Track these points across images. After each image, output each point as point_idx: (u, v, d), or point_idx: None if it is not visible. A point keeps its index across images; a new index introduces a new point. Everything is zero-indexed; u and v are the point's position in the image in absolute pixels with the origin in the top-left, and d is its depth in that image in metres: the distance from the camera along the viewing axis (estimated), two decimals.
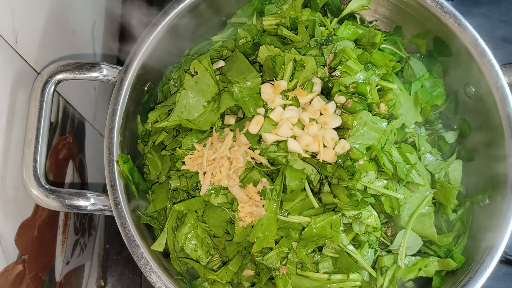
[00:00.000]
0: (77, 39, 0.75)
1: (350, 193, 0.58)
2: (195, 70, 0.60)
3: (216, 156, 0.57)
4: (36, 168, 0.55)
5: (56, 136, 0.66)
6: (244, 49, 0.63)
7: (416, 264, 0.59)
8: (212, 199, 0.58)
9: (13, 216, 0.56)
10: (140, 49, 0.60)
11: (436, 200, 0.62)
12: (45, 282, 0.64)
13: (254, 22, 0.66)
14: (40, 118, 0.56)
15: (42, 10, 0.61)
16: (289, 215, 0.57)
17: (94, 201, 0.57)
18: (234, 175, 0.57)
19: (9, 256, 0.54)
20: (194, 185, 0.60)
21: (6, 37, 0.51)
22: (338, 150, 0.59)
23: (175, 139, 0.62)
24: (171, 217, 0.60)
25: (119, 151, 0.58)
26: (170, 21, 0.61)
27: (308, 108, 0.59)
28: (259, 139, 0.59)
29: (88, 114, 0.80)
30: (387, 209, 0.59)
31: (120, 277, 0.89)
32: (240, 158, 0.57)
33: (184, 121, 0.60)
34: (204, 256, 0.60)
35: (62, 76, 0.58)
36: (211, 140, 0.59)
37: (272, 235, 0.56)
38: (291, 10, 0.64)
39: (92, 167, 0.84)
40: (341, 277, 0.57)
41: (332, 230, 0.56)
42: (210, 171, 0.57)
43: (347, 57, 0.61)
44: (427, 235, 0.59)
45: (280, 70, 0.61)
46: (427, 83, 0.66)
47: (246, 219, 0.56)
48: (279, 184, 0.57)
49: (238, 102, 0.59)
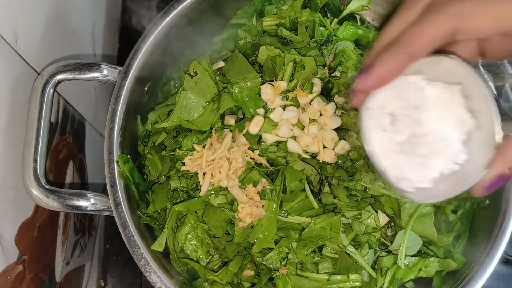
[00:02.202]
0: (77, 39, 0.75)
1: (350, 193, 0.58)
2: (194, 71, 0.60)
3: (215, 157, 0.57)
4: (36, 169, 0.55)
5: (56, 136, 0.66)
6: (244, 50, 0.63)
7: (416, 265, 0.59)
8: (212, 199, 0.58)
9: (13, 216, 0.56)
10: (140, 50, 0.60)
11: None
12: (45, 282, 0.64)
13: (254, 23, 0.66)
14: (40, 118, 0.56)
15: (42, 10, 0.61)
16: (289, 215, 0.57)
17: (94, 202, 0.57)
18: (233, 176, 0.57)
19: (9, 256, 0.54)
20: (194, 185, 0.60)
21: (6, 37, 0.51)
22: (338, 151, 0.59)
23: (175, 140, 0.62)
24: (171, 217, 0.60)
25: (119, 152, 0.58)
26: (170, 22, 0.61)
27: (308, 109, 0.60)
28: (259, 140, 0.59)
29: (88, 114, 0.80)
30: (387, 209, 0.59)
31: (120, 278, 0.89)
32: (239, 158, 0.57)
33: (184, 121, 0.60)
34: (204, 257, 0.60)
35: (62, 76, 0.58)
36: (211, 141, 0.59)
37: (272, 235, 0.56)
38: (291, 10, 0.64)
39: (92, 168, 0.84)
40: (341, 277, 0.57)
41: (332, 230, 0.56)
42: (210, 172, 0.57)
43: (347, 58, 0.61)
44: (427, 235, 0.59)
45: (280, 70, 0.61)
46: None
47: (246, 219, 0.56)
48: (279, 185, 0.57)
49: (238, 103, 0.59)
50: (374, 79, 0.36)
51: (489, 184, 0.38)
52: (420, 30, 0.35)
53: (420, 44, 0.35)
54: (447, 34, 0.34)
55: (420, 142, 0.39)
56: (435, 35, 0.34)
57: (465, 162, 0.40)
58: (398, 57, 0.35)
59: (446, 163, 0.40)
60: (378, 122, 0.39)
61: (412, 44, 0.35)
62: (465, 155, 0.39)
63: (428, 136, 0.39)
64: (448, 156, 0.40)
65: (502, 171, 0.37)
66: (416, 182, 0.40)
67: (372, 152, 0.40)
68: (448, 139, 0.39)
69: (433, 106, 0.39)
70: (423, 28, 0.35)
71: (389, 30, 0.38)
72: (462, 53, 0.40)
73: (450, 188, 0.40)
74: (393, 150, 0.40)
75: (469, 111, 0.39)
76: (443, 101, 0.39)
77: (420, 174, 0.40)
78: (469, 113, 0.39)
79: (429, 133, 0.39)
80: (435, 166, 0.40)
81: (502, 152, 0.37)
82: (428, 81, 0.40)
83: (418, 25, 0.35)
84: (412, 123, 0.40)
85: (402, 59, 0.35)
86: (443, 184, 0.40)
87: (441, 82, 0.40)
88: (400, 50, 0.35)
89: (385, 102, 0.39)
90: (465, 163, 0.40)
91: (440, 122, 0.39)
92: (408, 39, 0.35)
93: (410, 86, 0.39)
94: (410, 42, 0.35)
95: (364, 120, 0.40)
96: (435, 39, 0.35)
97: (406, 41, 0.35)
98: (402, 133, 0.40)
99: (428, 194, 0.40)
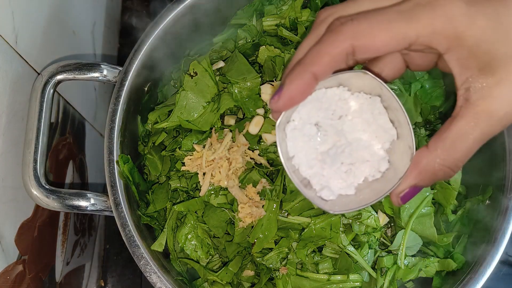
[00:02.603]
0: (77, 39, 0.75)
1: None
2: (194, 71, 0.60)
3: (215, 157, 0.57)
4: (36, 169, 0.55)
5: (56, 136, 0.66)
6: (244, 50, 0.63)
7: (416, 265, 0.59)
8: (212, 199, 0.58)
9: (13, 216, 0.56)
10: (140, 50, 0.60)
11: (436, 201, 0.62)
12: (45, 282, 0.64)
13: (254, 23, 0.66)
14: (40, 118, 0.56)
15: (42, 10, 0.61)
16: (289, 215, 0.57)
17: (94, 202, 0.57)
18: (233, 176, 0.57)
19: (9, 256, 0.54)
20: (194, 185, 0.60)
21: (6, 37, 0.51)
22: None
23: (175, 140, 0.62)
24: (171, 217, 0.60)
25: (119, 152, 0.58)
26: (170, 22, 0.61)
27: None
28: (259, 140, 0.59)
29: (88, 114, 0.80)
30: (387, 209, 0.59)
31: (120, 278, 0.89)
32: (239, 158, 0.57)
33: (184, 121, 0.60)
34: (204, 257, 0.60)
35: (62, 76, 0.58)
36: (211, 141, 0.59)
37: (272, 235, 0.56)
38: (291, 10, 0.64)
39: (92, 168, 0.84)
40: (341, 277, 0.57)
41: (332, 230, 0.56)
42: (210, 172, 0.57)
43: None
44: (427, 235, 0.59)
45: (280, 70, 0.61)
46: (427, 83, 0.66)
47: (246, 219, 0.56)
48: (279, 185, 0.57)
49: (238, 103, 0.59)
50: (284, 100, 0.37)
51: (403, 195, 0.39)
52: (320, 50, 0.36)
53: (321, 63, 0.36)
54: (346, 52, 0.36)
55: (344, 151, 0.40)
56: (334, 54, 0.36)
57: (387, 171, 0.41)
58: (302, 76, 0.36)
59: (370, 171, 0.41)
60: (302, 132, 0.40)
61: (314, 63, 0.36)
62: (387, 164, 0.41)
63: (353, 145, 0.41)
64: (372, 164, 0.41)
65: (414, 182, 0.38)
66: (339, 189, 0.41)
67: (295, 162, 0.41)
68: (372, 148, 0.41)
69: (357, 116, 0.41)
70: (323, 48, 0.36)
71: (299, 50, 0.39)
72: (390, 66, 0.41)
73: (369, 197, 0.40)
74: (317, 159, 0.41)
75: (391, 121, 0.41)
76: (366, 111, 0.41)
77: (345, 182, 0.41)
78: (391, 123, 0.41)
79: (353, 142, 0.41)
80: (359, 174, 0.41)
81: (414, 163, 0.38)
82: (352, 92, 0.41)
83: (319, 45, 0.36)
84: (337, 133, 0.41)
85: (307, 78, 0.36)
86: (364, 192, 0.41)
87: (363, 93, 0.41)
88: (304, 69, 0.36)
89: (310, 114, 0.40)
90: (387, 171, 0.41)
91: (364, 131, 0.41)
92: (311, 58, 0.36)
93: (334, 97, 0.40)
94: (312, 61, 0.36)
95: (288, 131, 0.40)
96: (335, 58, 0.36)
97: (309, 60, 0.36)
98: (327, 142, 0.41)
99: (346, 202, 0.41)
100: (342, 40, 0.35)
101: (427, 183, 0.38)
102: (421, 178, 0.38)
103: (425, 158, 0.37)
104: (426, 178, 0.38)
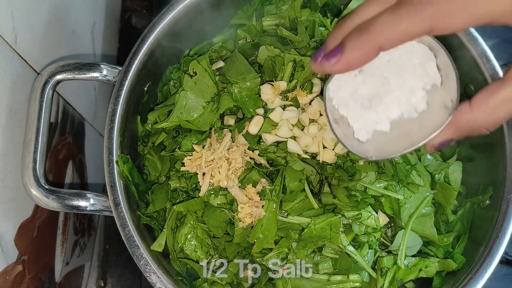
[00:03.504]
0: (77, 39, 0.75)
1: (350, 193, 0.58)
2: (194, 71, 0.60)
3: (214, 157, 0.57)
4: (35, 169, 0.55)
5: (55, 136, 0.66)
6: (244, 50, 0.63)
7: (416, 265, 0.59)
8: (211, 199, 0.58)
9: (12, 216, 0.55)
10: (140, 49, 0.60)
11: (436, 201, 0.62)
12: (44, 282, 0.64)
13: (254, 23, 0.66)
14: (40, 118, 0.56)
15: (42, 10, 0.61)
16: (289, 215, 0.57)
17: (93, 202, 0.57)
18: (233, 176, 0.57)
19: (8, 256, 0.54)
20: (194, 185, 0.60)
21: (6, 37, 0.51)
22: (338, 151, 0.59)
23: (175, 140, 0.62)
24: (171, 217, 0.60)
25: (119, 152, 0.58)
26: (170, 22, 0.61)
27: (308, 109, 0.59)
28: (258, 140, 0.59)
29: (88, 114, 0.80)
30: (387, 209, 0.59)
31: (120, 278, 0.89)
32: (238, 158, 0.57)
33: (184, 122, 0.60)
34: (203, 257, 0.60)
35: (62, 76, 0.58)
36: (210, 141, 0.59)
37: (272, 235, 0.56)
38: (291, 10, 0.64)
39: (92, 168, 0.84)
40: (340, 278, 0.57)
41: (332, 231, 0.56)
42: (209, 172, 0.57)
43: None
44: (427, 235, 0.59)
45: (280, 70, 0.61)
46: None
47: (245, 219, 0.56)
48: (279, 185, 0.57)
49: (238, 103, 0.59)
50: (342, 65, 0.36)
51: (438, 145, 0.40)
52: (395, 24, 0.34)
53: (393, 39, 0.35)
54: (421, 33, 0.34)
55: (385, 92, 0.41)
56: (409, 31, 0.34)
57: (424, 114, 0.41)
58: (368, 46, 0.35)
59: (407, 107, 0.41)
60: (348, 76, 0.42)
61: (384, 36, 0.34)
62: (425, 105, 0.41)
63: (394, 84, 0.41)
64: (410, 102, 0.41)
65: (451, 137, 0.40)
66: (375, 124, 0.42)
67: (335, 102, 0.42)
68: (412, 87, 0.41)
69: (405, 60, 0.41)
70: (399, 22, 0.34)
71: (360, 11, 0.37)
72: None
73: (404, 143, 0.41)
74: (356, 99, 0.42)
75: (440, 74, 0.41)
76: (415, 57, 0.41)
77: (380, 115, 0.41)
78: (437, 71, 0.41)
79: (395, 83, 0.41)
80: (395, 108, 0.41)
81: (455, 119, 0.39)
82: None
83: (393, 16, 0.34)
84: (380, 76, 0.41)
85: (372, 48, 0.35)
86: (399, 132, 0.41)
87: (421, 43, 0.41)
88: (371, 39, 0.35)
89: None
90: (424, 115, 0.41)
91: (409, 75, 0.41)
92: (381, 29, 0.35)
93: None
94: (381, 33, 0.35)
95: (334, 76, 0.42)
96: (408, 36, 0.35)
97: (379, 31, 0.35)
98: (368, 84, 0.41)
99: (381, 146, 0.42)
100: (422, 19, 0.34)
101: (461, 137, 0.40)
102: (458, 134, 0.39)
103: (466, 115, 0.38)
104: (463, 134, 0.39)
